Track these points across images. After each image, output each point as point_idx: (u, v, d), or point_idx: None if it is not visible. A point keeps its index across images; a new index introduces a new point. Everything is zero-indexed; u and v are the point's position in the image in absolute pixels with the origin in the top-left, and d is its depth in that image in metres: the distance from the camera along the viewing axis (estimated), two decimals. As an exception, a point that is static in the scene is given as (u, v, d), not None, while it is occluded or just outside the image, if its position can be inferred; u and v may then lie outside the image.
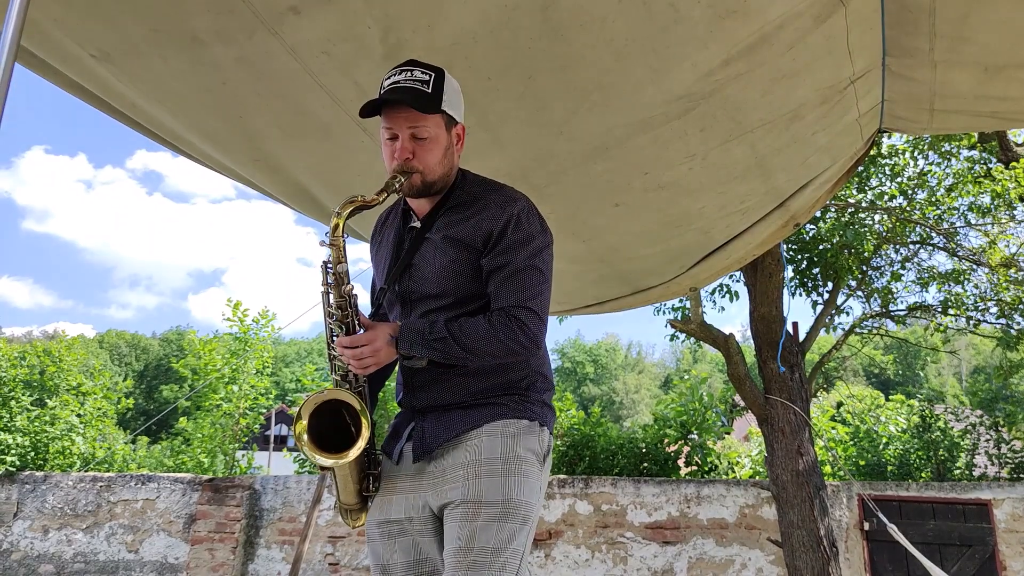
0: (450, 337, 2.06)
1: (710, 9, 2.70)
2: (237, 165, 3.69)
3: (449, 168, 2.24)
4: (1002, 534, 8.51)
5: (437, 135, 2.18)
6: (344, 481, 2.22)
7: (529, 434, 2.15)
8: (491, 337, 2.07)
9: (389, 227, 2.43)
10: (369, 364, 2.06)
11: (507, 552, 2.00)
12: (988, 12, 2.88)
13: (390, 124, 2.16)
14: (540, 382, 2.26)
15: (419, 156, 2.15)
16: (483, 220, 2.17)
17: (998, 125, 5.57)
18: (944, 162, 9.27)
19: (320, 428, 2.05)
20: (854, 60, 3.27)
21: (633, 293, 5.76)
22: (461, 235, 2.18)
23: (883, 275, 10.03)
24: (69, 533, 9.50)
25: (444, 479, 2.11)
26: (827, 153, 4.16)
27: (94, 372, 13.69)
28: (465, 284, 2.18)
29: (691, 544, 8.92)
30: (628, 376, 75.46)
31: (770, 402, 7.53)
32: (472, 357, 2.09)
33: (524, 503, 2.05)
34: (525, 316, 2.10)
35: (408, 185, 2.15)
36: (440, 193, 2.26)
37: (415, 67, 2.16)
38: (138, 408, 44.54)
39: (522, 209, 2.21)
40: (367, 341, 2.05)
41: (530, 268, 2.15)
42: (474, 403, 2.16)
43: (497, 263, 2.14)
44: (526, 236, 2.17)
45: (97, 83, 2.97)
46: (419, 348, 2.08)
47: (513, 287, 2.13)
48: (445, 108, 2.17)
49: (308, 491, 9.53)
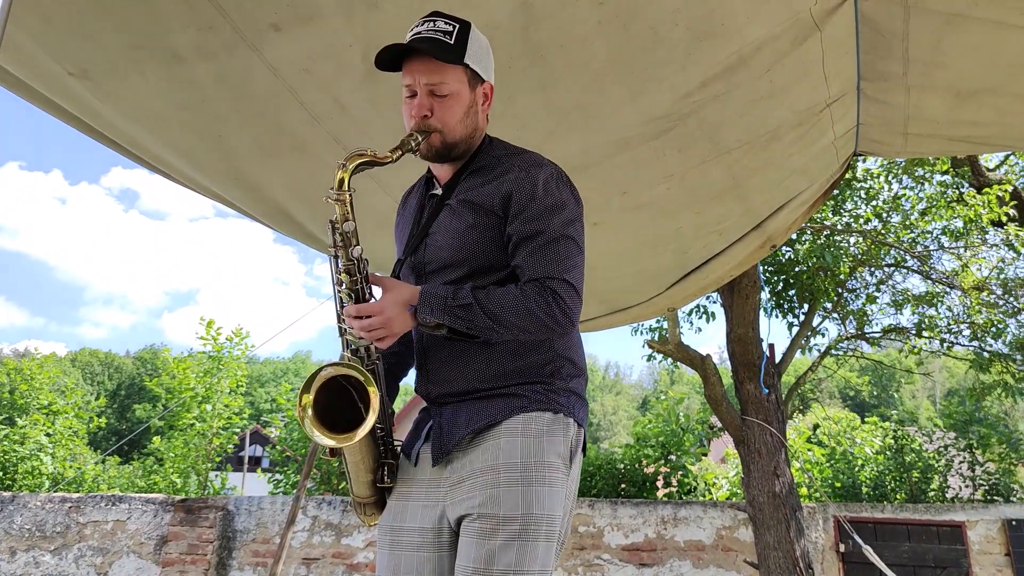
0: (476, 304, 1.85)
1: (688, 31, 2.74)
2: (214, 184, 3.66)
3: (473, 129, 2.06)
4: (976, 556, 8.56)
5: (459, 91, 2.00)
6: (356, 470, 2.02)
7: (554, 432, 1.91)
8: (522, 308, 1.86)
9: (412, 199, 2.25)
10: (381, 335, 1.85)
11: (531, 575, 1.79)
12: (960, 38, 2.93)
13: (408, 79, 1.99)
14: (567, 367, 2.02)
15: (438, 114, 1.97)
16: (504, 182, 1.98)
17: (970, 150, 5.65)
18: (918, 186, 9.41)
19: (327, 409, 1.84)
20: (829, 83, 3.32)
21: (611, 313, 5.77)
22: (479, 198, 1.99)
23: (858, 297, 10.13)
24: (37, 555, 9.32)
25: (461, 486, 1.89)
26: (803, 175, 4.20)
27: (66, 391, 13.53)
28: (482, 252, 1.97)
29: (668, 566, 8.88)
30: (606, 397, 75.55)
31: (747, 423, 7.55)
32: (499, 329, 1.87)
33: (547, 517, 1.83)
34: (562, 289, 1.88)
35: (426, 146, 1.98)
36: (463, 157, 2.08)
37: (439, 18, 1.99)
38: (110, 428, 43.94)
39: (552, 174, 2.02)
40: (377, 310, 1.84)
41: (565, 238, 1.94)
42: (492, 392, 1.94)
43: (527, 231, 1.93)
44: (557, 202, 1.97)
45: (74, 100, 2.93)
46: (440, 314, 1.86)
47: (548, 257, 1.91)
48: (468, 62, 2.00)
49: (282, 512, 9.41)
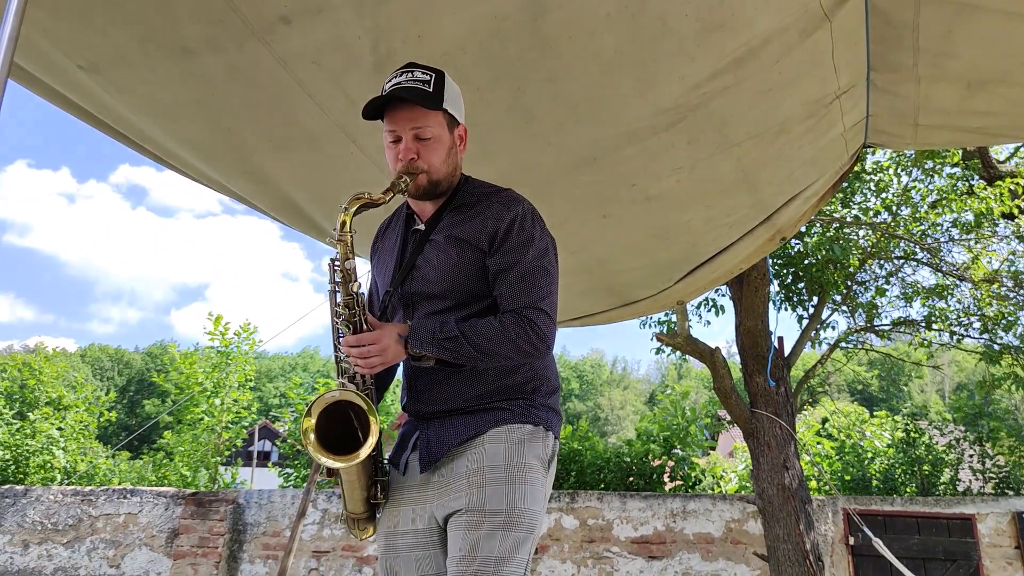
0: (461, 336, 2.04)
1: (697, 23, 2.72)
2: (224, 177, 3.67)
3: (453, 168, 2.25)
4: (986, 548, 8.54)
5: (440, 135, 2.18)
6: (351, 488, 2.18)
7: (534, 440, 2.13)
8: (503, 337, 2.06)
9: (392, 232, 2.43)
10: (376, 363, 2.04)
11: (511, 562, 1.97)
12: (971, 28, 2.91)
13: (393, 126, 2.17)
14: (545, 385, 2.24)
15: (424, 156, 2.16)
16: (488, 219, 2.17)
17: (981, 141, 5.63)
18: (928, 179, 9.36)
19: (326, 431, 2.00)
20: (839, 75, 3.30)
21: (620, 306, 5.76)
22: (465, 234, 2.18)
23: (868, 290, 10.09)
24: (50, 548, 9.38)
25: (449, 488, 2.08)
26: (813, 167, 4.18)
27: (76, 385, 13.59)
28: (468, 284, 2.16)
29: (677, 559, 8.89)
30: (613, 392, 75.55)
31: (756, 416, 7.54)
32: (483, 357, 2.07)
33: (529, 511, 2.03)
34: (536, 316, 2.10)
35: (414, 185, 2.16)
36: (445, 195, 2.27)
37: (415, 68, 2.17)
38: (120, 423, 44.16)
39: (526, 210, 2.22)
40: (374, 340, 2.03)
41: (538, 269, 2.16)
42: (478, 408, 2.13)
43: (504, 263, 2.14)
44: (530, 236, 2.18)
45: (84, 95, 2.95)
46: (429, 347, 2.06)
47: (523, 288, 2.12)
48: (446, 107, 2.18)
49: (292, 505, 9.45)
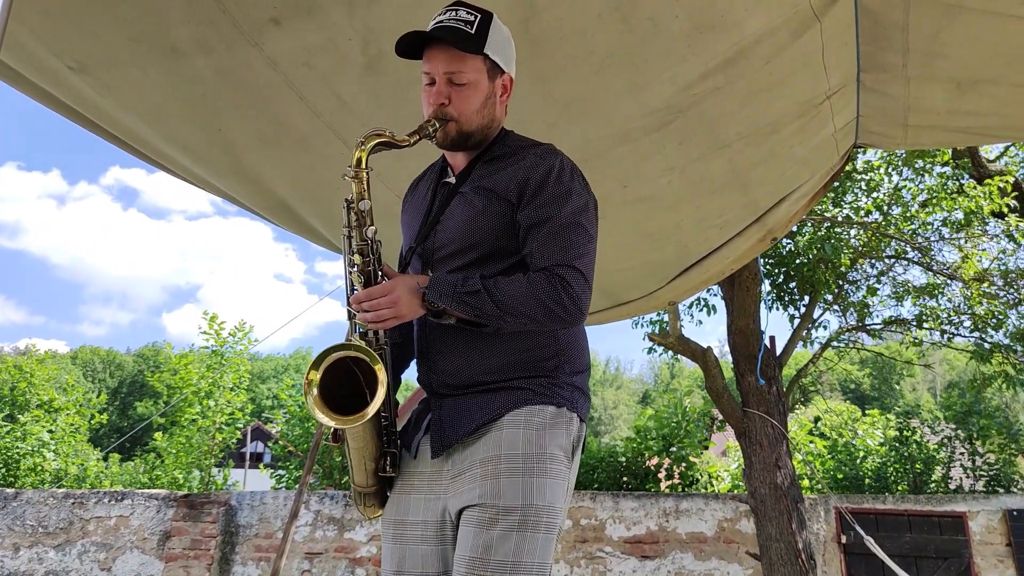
0: (484, 292, 1.84)
1: (688, 23, 2.73)
2: (215, 177, 3.67)
3: (490, 120, 2.06)
4: (977, 546, 8.57)
5: (477, 81, 2.00)
6: (358, 457, 1.99)
7: (557, 425, 1.90)
8: (530, 296, 1.85)
9: (423, 185, 2.24)
10: (387, 316, 1.85)
11: (530, 569, 1.78)
12: (960, 28, 2.92)
13: (428, 67, 2.00)
14: (571, 362, 2.01)
15: (455, 103, 1.98)
16: (519, 169, 1.99)
17: (970, 140, 5.65)
18: (918, 178, 9.40)
19: (332, 392, 1.82)
20: (829, 75, 3.31)
21: (612, 307, 5.77)
22: (492, 184, 1.99)
23: (859, 289, 10.13)
24: (41, 551, 9.34)
25: (462, 477, 1.89)
26: (804, 167, 4.20)
27: (67, 387, 13.54)
28: (493, 237, 1.97)
29: (670, 558, 8.90)
30: (606, 392, 75.60)
31: (748, 415, 7.57)
32: (507, 318, 1.86)
33: (548, 509, 1.82)
34: (571, 276, 1.89)
35: (442, 133, 1.99)
36: (478, 147, 2.08)
37: (461, 7, 1.99)
38: (112, 425, 44.01)
39: (564, 162, 2.03)
40: (385, 291, 1.84)
41: (575, 225, 1.96)
42: (495, 385, 1.93)
43: (537, 217, 1.94)
44: (568, 190, 1.99)
45: (74, 95, 2.94)
46: (448, 300, 1.86)
47: (557, 245, 1.92)
48: (488, 52, 1.99)
49: (285, 507, 9.43)
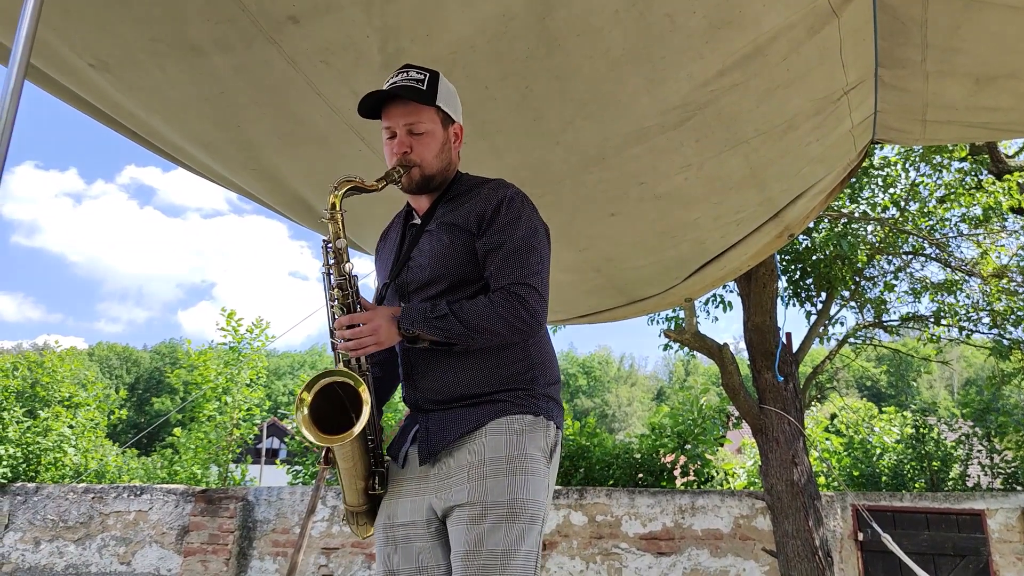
0: (451, 314, 2.05)
1: (705, 20, 2.72)
2: (233, 174, 3.69)
3: (447, 164, 2.32)
4: (995, 544, 8.52)
5: (433, 130, 2.26)
6: (349, 477, 2.17)
7: (535, 430, 2.12)
8: (492, 313, 2.07)
9: (392, 231, 2.48)
10: (368, 343, 2.05)
11: (518, 555, 1.96)
12: (979, 23, 2.91)
13: (388, 122, 2.25)
14: (545, 374, 2.25)
15: (416, 150, 2.23)
16: (476, 203, 2.23)
17: (989, 136, 5.60)
18: (936, 173, 9.32)
19: (321, 413, 2.00)
20: (847, 71, 3.30)
21: (628, 303, 5.77)
22: (455, 219, 2.23)
23: (876, 285, 10.04)
24: (61, 545, 9.44)
25: (449, 481, 2.08)
26: (821, 164, 4.18)
27: (87, 383, 13.65)
28: (459, 267, 2.19)
29: (686, 555, 8.90)
30: (621, 389, 75.35)
31: (764, 412, 7.53)
32: (474, 335, 2.07)
33: (531, 502, 2.02)
34: (524, 292, 2.11)
35: (407, 179, 2.23)
36: (439, 189, 2.33)
37: (411, 69, 2.26)
38: (129, 421, 44.30)
39: (515, 193, 2.27)
40: (366, 320, 2.05)
41: (526, 247, 2.18)
42: (477, 400, 2.13)
43: (493, 243, 2.17)
44: (517, 216, 2.22)
45: (94, 93, 2.97)
46: (421, 326, 2.06)
47: (510, 265, 2.15)
48: (440, 104, 2.25)
49: (302, 502, 9.50)
